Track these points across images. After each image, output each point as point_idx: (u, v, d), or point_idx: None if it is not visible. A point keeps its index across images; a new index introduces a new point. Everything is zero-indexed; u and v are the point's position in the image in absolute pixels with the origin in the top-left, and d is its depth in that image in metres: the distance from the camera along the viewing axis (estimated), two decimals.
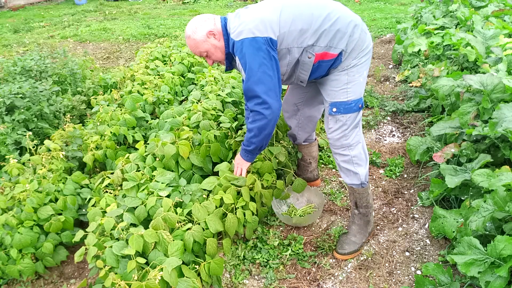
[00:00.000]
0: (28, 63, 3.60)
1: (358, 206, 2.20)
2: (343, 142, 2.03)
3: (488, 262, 1.61)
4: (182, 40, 5.19)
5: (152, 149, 2.32)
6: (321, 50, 1.88)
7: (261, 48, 1.80)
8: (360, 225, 2.23)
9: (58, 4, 12.27)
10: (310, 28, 1.84)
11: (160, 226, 1.84)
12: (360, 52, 1.92)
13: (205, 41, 1.94)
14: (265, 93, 1.83)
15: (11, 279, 2.17)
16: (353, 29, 1.87)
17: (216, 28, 1.94)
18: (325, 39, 1.86)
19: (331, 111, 1.98)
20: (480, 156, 2.17)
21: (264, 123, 1.88)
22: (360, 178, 2.09)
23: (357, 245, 2.20)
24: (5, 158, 2.64)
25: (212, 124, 2.57)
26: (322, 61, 1.90)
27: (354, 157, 2.06)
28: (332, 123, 2.02)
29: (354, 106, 1.96)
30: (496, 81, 2.30)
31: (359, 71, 1.94)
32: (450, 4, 4.56)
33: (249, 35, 1.81)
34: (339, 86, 1.95)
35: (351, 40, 1.87)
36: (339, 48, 1.87)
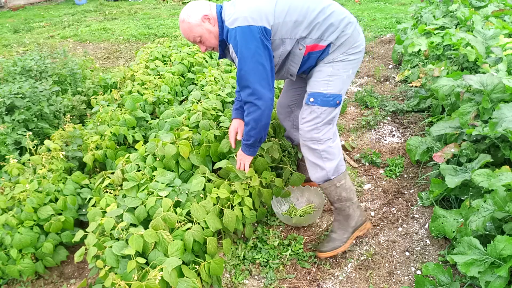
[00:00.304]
0: (28, 63, 3.60)
1: (331, 201, 2.14)
2: (313, 135, 1.98)
3: (488, 262, 1.61)
4: (182, 40, 5.19)
5: (152, 149, 2.32)
6: (312, 42, 1.90)
7: (255, 36, 1.80)
8: (340, 220, 2.15)
9: (58, 4, 12.27)
10: (304, 20, 1.86)
11: (160, 226, 1.84)
12: (350, 48, 1.92)
13: (199, 25, 1.92)
14: (257, 82, 1.83)
15: (11, 279, 2.17)
16: (346, 25, 1.89)
17: (211, 13, 1.94)
18: (317, 32, 1.87)
19: (308, 100, 1.96)
20: (480, 156, 2.17)
21: (259, 114, 1.88)
22: (327, 174, 2.02)
23: (337, 241, 2.11)
24: (5, 158, 2.64)
25: (212, 124, 2.57)
26: (311, 52, 1.92)
27: (323, 152, 2.00)
28: (306, 113, 1.98)
29: (332, 100, 1.93)
30: (496, 81, 2.30)
31: (344, 67, 1.93)
32: (450, 4, 4.56)
33: (243, 23, 1.81)
34: (321, 77, 1.94)
35: (342, 35, 1.89)
36: (328, 40, 1.89)
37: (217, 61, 4.49)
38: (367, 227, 2.21)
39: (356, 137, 3.38)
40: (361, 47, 1.97)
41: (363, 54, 2.00)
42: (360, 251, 2.22)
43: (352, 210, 2.12)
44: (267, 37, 1.84)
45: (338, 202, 2.10)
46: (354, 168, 2.97)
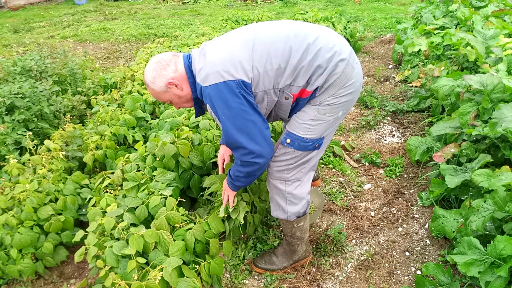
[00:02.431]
0: (28, 63, 3.59)
1: (284, 234, 2.05)
2: (282, 175, 1.82)
3: (488, 262, 1.61)
4: (182, 40, 5.20)
5: (152, 149, 2.32)
6: (299, 89, 1.64)
7: (234, 92, 1.55)
8: (286, 250, 2.08)
9: (58, 4, 12.27)
10: (287, 66, 1.59)
11: (164, 225, 1.84)
12: (341, 89, 1.65)
13: (166, 92, 1.72)
14: (250, 142, 1.60)
15: (11, 279, 2.17)
16: (337, 64, 1.60)
17: (177, 76, 1.68)
18: (303, 77, 1.61)
19: (285, 141, 1.75)
20: (480, 156, 2.17)
21: (255, 169, 1.68)
22: (287, 217, 1.90)
23: (275, 266, 2.07)
24: (5, 158, 2.64)
25: (212, 124, 2.57)
26: (299, 99, 1.68)
27: (288, 194, 1.85)
28: (279, 152, 1.78)
29: (311, 145, 1.74)
30: (496, 81, 2.30)
31: (332, 111, 1.68)
32: (450, 4, 4.57)
33: (218, 80, 1.56)
34: (303, 119, 1.70)
35: (331, 76, 1.61)
36: (316, 85, 1.63)
37: None
38: (307, 260, 2.14)
39: (356, 137, 3.38)
40: (356, 84, 1.69)
41: (360, 90, 1.76)
42: (360, 251, 2.23)
43: (300, 247, 2.07)
44: (247, 91, 1.58)
45: (290, 238, 2.03)
46: (354, 168, 2.97)
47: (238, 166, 1.72)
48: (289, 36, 1.60)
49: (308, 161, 1.81)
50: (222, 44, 1.65)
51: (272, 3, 10.40)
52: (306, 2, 10.12)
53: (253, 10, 8.36)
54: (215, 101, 1.58)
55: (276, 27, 1.67)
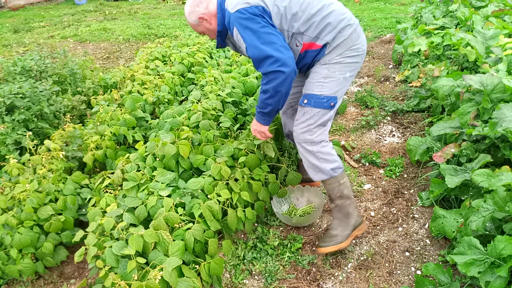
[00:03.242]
0: (28, 63, 3.59)
1: (332, 199, 2.13)
2: (307, 137, 2.00)
3: (488, 262, 1.61)
4: (182, 40, 5.20)
5: (152, 149, 2.32)
6: (309, 40, 1.91)
7: (256, 13, 1.83)
8: (340, 218, 2.15)
9: (58, 4, 12.27)
10: (303, 15, 1.87)
11: (162, 226, 1.84)
12: (347, 50, 1.92)
13: (198, 25, 2.05)
14: (276, 50, 1.79)
15: (11, 279, 2.17)
16: (345, 27, 1.89)
17: (207, 12, 2.00)
18: (314, 30, 1.89)
19: (302, 102, 1.99)
20: (480, 156, 2.17)
21: (281, 80, 1.81)
22: (326, 172, 2.04)
23: (338, 238, 2.10)
24: (5, 158, 2.64)
25: (212, 124, 2.57)
26: (308, 50, 1.94)
27: (318, 153, 2.01)
28: (299, 115, 2.01)
29: (326, 102, 1.94)
30: (496, 81, 2.30)
31: (340, 70, 1.93)
32: (450, 4, 4.56)
33: (244, 5, 1.84)
34: (316, 78, 1.96)
35: (339, 36, 1.89)
36: (324, 40, 1.90)
37: (217, 61, 4.49)
38: (364, 228, 2.22)
39: (356, 137, 3.38)
40: (361, 50, 1.95)
41: (364, 58, 2.00)
42: (360, 251, 2.22)
43: (352, 208, 2.14)
44: (267, 15, 1.86)
45: (339, 199, 2.11)
46: (354, 168, 2.97)
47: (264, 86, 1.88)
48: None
49: (327, 122, 2.01)
50: None
51: None
52: None
53: None
54: (241, 22, 1.84)
55: None
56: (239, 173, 2.20)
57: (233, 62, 4.17)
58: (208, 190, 2.09)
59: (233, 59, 4.21)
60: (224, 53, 4.86)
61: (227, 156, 2.27)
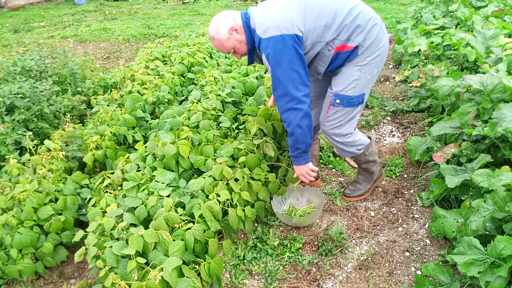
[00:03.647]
0: (28, 63, 3.59)
1: (359, 164, 2.47)
2: (336, 131, 2.20)
3: (488, 262, 1.61)
4: (182, 40, 5.20)
5: (152, 149, 2.32)
6: (341, 43, 1.97)
7: (288, 45, 1.86)
8: (365, 175, 2.54)
9: (58, 4, 12.27)
10: (333, 24, 1.93)
11: (162, 226, 1.84)
12: (376, 49, 2.01)
13: (229, 38, 2.02)
14: (294, 88, 1.91)
15: (11, 279, 2.17)
16: (372, 26, 1.97)
17: (236, 23, 2.01)
18: (345, 33, 1.94)
19: (335, 102, 2.11)
20: (480, 156, 2.17)
21: (301, 117, 1.96)
22: (352, 153, 2.32)
23: (362, 191, 2.56)
24: (5, 158, 2.64)
25: (212, 124, 2.57)
26: (340, 52, 2.00)
27: (345, 142, 2.25)
28: (331, 113, 2.15)
29: (356, 101, 2.10)
30: (496, 81, 2.30)
31: (370, 70, 2.05)
32: (450, 4, 4.56)
33: (276, 33, 1.87)
34: (349, 80, 2.05)
35: (368, 36, 1.96)
36: (356, 42, 1.96)
37: (217, 61, 4.48)
38: (382, 177, 2.66)
39: None
40: (386, 46, 2.06)
41: (387, 52, 2.10)
42: (360, 251, 2.22)
43: (375, 167, 2.50)
44: (299, 44, 1.90)
45: (365, 164, 2.45)
46: (354, 168, 2.97)
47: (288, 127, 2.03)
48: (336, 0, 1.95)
49: (355, 116, 2.18)
50: (280, 5, 1.94)
51: None
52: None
53: None
54: (270, 51, 1.89)
55: None
56: (239, 173, 2.20)
57: (233, 62, 4.17)
58: (208, 190, 2.09)
59: (233, 59, 4.21)
60: (224, 53, 4.86)
61: (227, 156, 2.27)
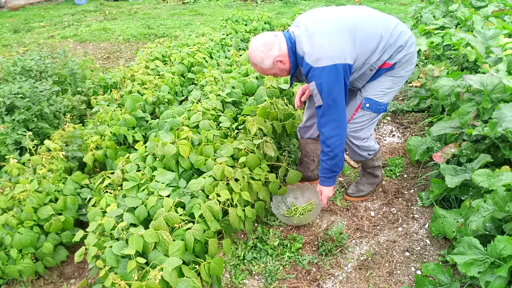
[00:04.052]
0: (28, 63, 3.59)
1: (365, 168, 2.56)
2: (355, 135, 2.27)
3: (488, 262, 1.61)
4: (182, 40, 5.19)
5: (152, 149, 2.32)
6: (382, 62, 2.04)
7: (340, 75, 1.91)
8: (368, 177, 2.60)
9: (58, 4, 12.27)
10: (378, 47, 1.99)
11: (162, 226, 1.84)
12: (409, 65, 2.11)
13: (272, 68, 2.05)
14: (341, 115, 2.02)
15: (11, 279, 2.17)
16: (411, 44, 2.06)
17: (281, 53, 2.00)
18: (388, 53, 2.02)
19: (364, 106, 2.17)
20: (480, 156, 2.17)
21: (341, 142, 2.07)
22: (364, 157, 2.40)
23: (364, 192, 2.60)
24: (5, 158, 2.64)
25: (212, 124, 2.57)
26: (380, 69, 2.08)
27: (361, 146, 2.32)
28: (358, 115, 2.21)
29: (383, 108, 2.19)
30: (496, 81, 2.30)
31: (400, 82, 2.15)
32: (450, 4, 4.56)
33: (329, 63, 1.89)
34: (381, 88, 2.13)
35: (407, 53, 2.05)
36: (396, 59, 2.04)
37: (217, 61, 4.48)
38: (381, 183, 2.71)
39: None
40: (415, 63, 2.16)
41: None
42: (360, 251, 2.22)
43: (379, 172, 2.59)
44: (348, 74, 1.96)
45: (371, 169, 2.54)
46: (354, 168, 2.97)
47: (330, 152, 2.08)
48: (379, 23, 2.00)
49: (374, 122, 2.28)
50: (329, 31, 1.94)
51: (272, 3, 10.40)
52: (306, 2, 10.11)
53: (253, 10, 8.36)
54: (323, 80, 1.92)
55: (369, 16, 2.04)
56: (240, 173, 2.20)
57: (233, 62, 4.17)
58: (208, 190, 2.09)
59: (233, 59, 4.21)
60: (224, 53, 4.86)
61: (227, 156, 2.27)
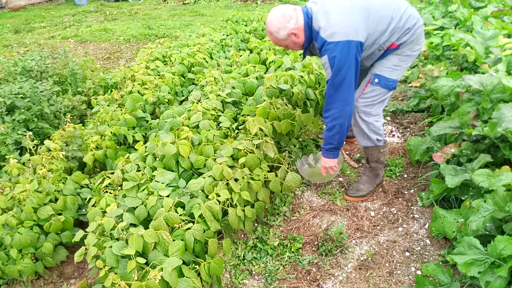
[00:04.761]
0: (29, 63, 3.60)
1: (369, 161, 2.58)
2: (367, 110, 2.35)
3: (488, 262, 1.61)
4: (183, 41, 5.20)
5: (152, 149, 2.32)
6: (390, 43, 2.18)
7: (352, 51, 2.03)
8: (370, 176, 2.62)
9: (58, 5, 12.28)
10: (388, 29, 2.12)
11: (162, 226, 1.84)
12: (416, 45, 2.23)
13: (286, 39, 2.17)
14: (347, 90, 2.11)
15: (11, 279, 2.17)
16: (419, 27, 2.19)
17: (297, 27, 2.13)
18: (396, 35, 2.16)
19: (374, 80, 2.29)
20: (480, 156, 2.17)
21: (345, 118, 2.17)
22: (372, 141, 2.44)
23: (365, 192, 2.60)
24: (5, 158, 2.64)
25: (212, 124, 2.57)
26: (388, 49, 2.22)
27: (370, 124, 2.38)
28: (368, 90, 2.32)
29: (391, 84, 2.29)
30: (496, 81, 2.30)
31: (407, 60, 2.27)
32: (449, 5, 4.57)
33: (343, 38, 2.01)
34: (388, 65, 2.27)
35: (414, 35, 2.18)
36: (403, 40, 2.18)
37: (217, 62, 4.49)
38: (382, 184, 2.72)
39: None
40: (422, 44, 2.28)
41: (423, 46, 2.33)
42: (360, 251, 2.22)
43: (381, 171, 2.62)
44: (360, 51, 2.08)
45: (375, 163, 2.57)
46: (354, 168, 2.97)
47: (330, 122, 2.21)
48: (391, 6, 2.11)
49: (385, 99, 2.37)
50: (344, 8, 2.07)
51: (272, 4, 10.40)
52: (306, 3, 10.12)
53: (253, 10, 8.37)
54: (337, 54, 2.03)
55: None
56: (239, 173, 2.21)
57: (233, 63, 4.17)
58: (208, 190, 2.09)
59: (233, 60, 4.21)
60: (224, 54, 4.86)
61: (227, 157, 2.27)
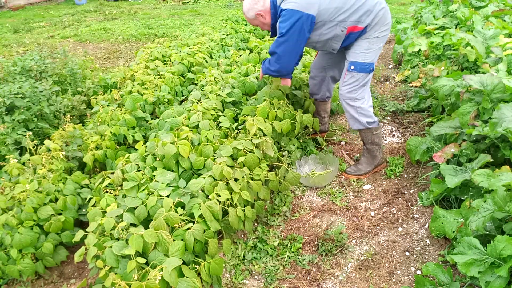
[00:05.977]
0: (28, 63, 3.59)
1: (365, 143, 2.75)
2: (351, 95, 2.54)
3: (488, 262, 1.61)
4: (182, 40, 5.20)
5: (152, 149, 2.32)
6: (351, 24, 2.39)
7: (298, 20, 2.31)
8: (368, 157, 2.80)
9: (58, 4, 12.27)
10: (344, 7, 2.36)
11: (162, 226, 1.84)
12: (382, 26, 2.43)
13: (254, 19, 2.56)
14: (282, 51, 2.45)
15: (11, 279, 2.17)
16: (380, 10, 2.38)
17: (263, 9, 2.50)
18: (355, 16, 2.37)
19: (350, 68, 2.50)
20: (480, 156, 2.17)
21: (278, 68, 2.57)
22: (363, 124, 2.60)
23: (362, 171, 2.80)
24: (5, 158, 2.64)
25: (212, 124, 2.57)
26: (351, 32, 2.43)
27: (358, 108, 2.56)
28: (347, 78, 2.53)
29: (367, 68, 2.48)
30: (496, 81, 2.30)
31: (377, 42, 2.47)
32: (450, 4, 4.56)
33: (294, 7, 2.32)
34: (360, 50, 2.48)
35: (376, 17, 2.38)
36: (365, 23, 2.39)
37: (217, 61, 4.49)
38: (383, 166, 2.88)
39: (356, 136, 3.38)
40: (390, 24, 2.48)
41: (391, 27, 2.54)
42: (360, 251, 2.23)
43: (378, 152, 2.78)
44: (310, 24, 2.35)
45: (370, 145, 2.74)
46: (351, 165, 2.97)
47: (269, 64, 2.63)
48: None
49: (367, 82, 2.55)
50: None
51: None
52: None
53: None
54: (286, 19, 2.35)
55: None
56: (239, 173, 2.20)
57: (233, 62, 4.17)
58: (208, 190, 2.09)
59: (233, 59, 4.21)
60: (224, 53, 4.86)
61: (227, 156, 2.27)
